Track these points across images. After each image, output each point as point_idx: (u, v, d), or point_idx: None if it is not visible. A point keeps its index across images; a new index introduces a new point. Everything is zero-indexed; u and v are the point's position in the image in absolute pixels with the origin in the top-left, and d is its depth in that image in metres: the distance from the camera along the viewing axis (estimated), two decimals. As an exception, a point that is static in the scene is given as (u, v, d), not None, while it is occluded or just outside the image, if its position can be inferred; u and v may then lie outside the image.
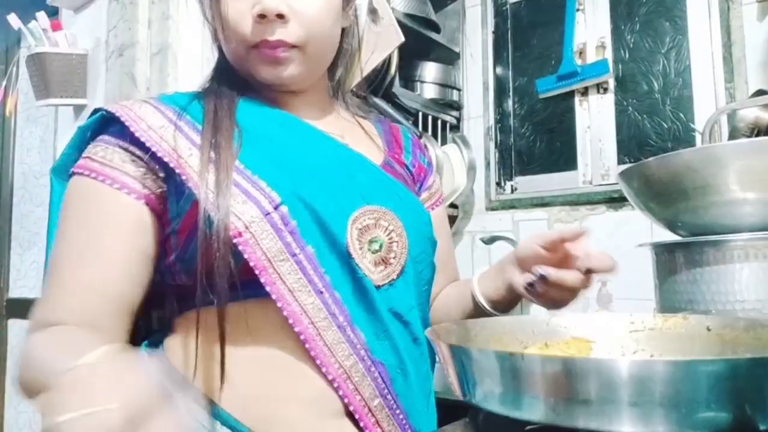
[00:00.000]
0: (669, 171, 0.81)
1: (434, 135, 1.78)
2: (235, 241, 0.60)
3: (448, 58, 1.92)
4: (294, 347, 0.62)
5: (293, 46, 0.68)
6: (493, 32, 1.91)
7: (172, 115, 0.67)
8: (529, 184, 1.80)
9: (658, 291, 0.87)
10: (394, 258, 0.68)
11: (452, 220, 1.84)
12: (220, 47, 0.73)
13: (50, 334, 0.59)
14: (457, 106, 1.92)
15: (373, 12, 1.38)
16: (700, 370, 0.38)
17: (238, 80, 0.73)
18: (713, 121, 1.26)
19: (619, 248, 1.55)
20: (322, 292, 0.62)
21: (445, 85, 1.87)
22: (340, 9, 0.72)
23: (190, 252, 0.62)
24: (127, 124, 0.63)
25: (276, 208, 0.62)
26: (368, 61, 1.37)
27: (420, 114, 1.74)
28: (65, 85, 1.53)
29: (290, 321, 0.61)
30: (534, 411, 0.42)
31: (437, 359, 0.57)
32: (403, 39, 1.43)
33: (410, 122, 1.63)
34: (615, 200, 1.59)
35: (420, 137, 1.66)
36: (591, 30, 1.71)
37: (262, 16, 0.65)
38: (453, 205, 1.82)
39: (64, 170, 0.68)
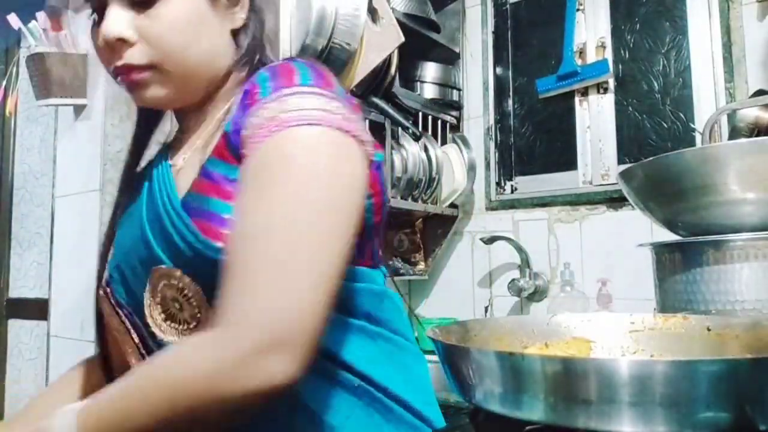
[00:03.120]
0: (669, 171, 0.82)
1: (434, 135, 1.78)
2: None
3: (448, 58, 1.92)
4: None
5: (147, 68, 0.63)
6: (493, 32, 1.91)
7: None
8: (529, 184, 1.80)
9: (658, 291, 0.87)
10: (199, 314, 0.60)
11: (452, 220, 1.85)
12: None
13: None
14: (457, 106, 1.92)
15: (373, 12, 1.38)
16: (700, 370, 0.38)
17: (155, 128, 0.77)
18: (713, 121, 1.26)
19: (619, 248, 1.56)
20: (143, 355, 0.68)
21: (445, 85, 1.87)
22: (206, 18, 0.64)
23: None
24: None
25: (107, 284, 0.69)
26: (367, 61, 1.37)
27: (420, 114, 1.73)
28: (65, 85, 1.53)
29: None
30: (534, 411, 0.42)
31: (437, 359, 0.57)
32: (403, 39, 1.43)
33: (410, 122, 1.63)
34: (615, 200, 1.59)
35: (420, 137, 1.66)
36: (591, 30, 1.71)
37: (107, 44, 0.62)
38: (453, 205, 1.82)
39: None
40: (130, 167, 0.75)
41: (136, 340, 0.67)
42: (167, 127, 0.78)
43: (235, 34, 0.69)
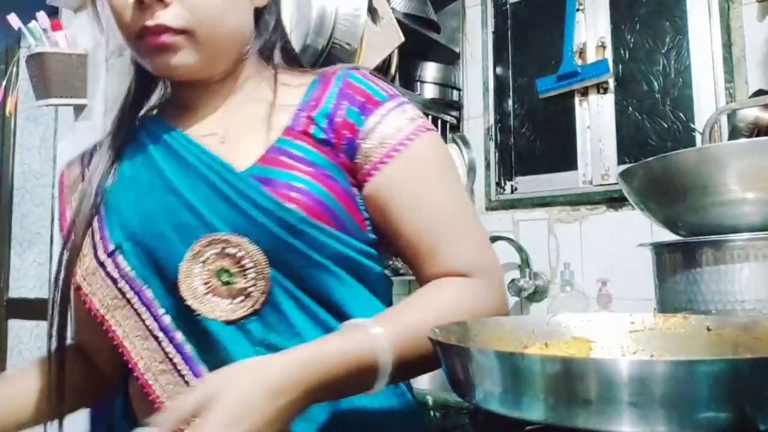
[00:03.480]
0: (669, 171, 0.81)
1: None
2: (80, 293, 0.64)
3: (448, 58, 1.92)
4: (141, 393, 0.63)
5: (180, 32, 0.62)
6: (493, 32, 1.91)
7: (86, 162, 0.72)
8: (529, 184, 1.80)
9: (658, 291, 0.87)
10: (253, 287, 0.61)
11: (452, 220, 1.84)
12: None
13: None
14: (457, 106, 1.92)
15: (373, 12, 1.38)
16: (700, 370, 0.38)
17: (160, 87, 0.74)
18: (713, 121, 1.26)
19: (619, 248, 1.56)
20: (156, 337, 0.62)
21: (445, 85, 1.87)
22: None
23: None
24: (60, 189, 0.72)
25: (110, 255, 0.63)
26: (367, 61, 1.37)
27: (420, 114, 1.73)
28: (65, 85, 1.53)
29: (129, 365, 0.63)
30: (534, 411, 0.42)
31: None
32: (403, 39, 1.43)
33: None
34: (615, 200, 1.59)
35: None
36: (591, 30, 1.71)
37: (140, 1, 0.60)
38: (453, 205, 1.82)
39: None
40: (117, 135, 0.71)
41: (147, 319, 0.62)
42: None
43: (257, 13, 0.70)
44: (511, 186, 1.83)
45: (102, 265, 0.63)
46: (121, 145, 0.70)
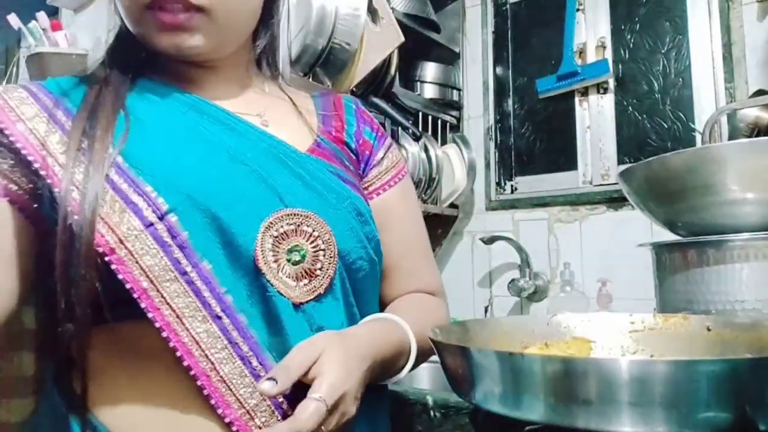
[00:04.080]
0: (669, 171, 0.81)
1: (434, 135, 1.78)
2: (107, 258, 0.50)
3: (448, 58, 1.92)
4: (183, 385, 0.53)
5: (197, 10, 0.56)
6: (493, 32, 1.91)
7: (49, 101, 0.58)
8: (529, 184, 1.80)
9: (658, 291, 0.87)
10: (320, 269, 0.58)
11: (452, 220, 1.84)
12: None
13: None
14: (457, 106, 1.92)
15: (373, 12, 1.38)
16: (700, 370, 0.38)
17: (138, 54, 0.64)
18: (713, 121, 1.26)
19: (619, 248, 1.56)
20: (219, 317, 0.53)
21: (445, 85, 1.87)
22: None
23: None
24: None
25: (161, 217, 0.52)
26: (367, 61, 1.37)
27: (420, 114, 1.73)
28: (65, 85, 1.53)
29: (178, 353, 0.52)
30: (534, 411, 0.42)
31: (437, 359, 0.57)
32: (403, 39, 1.43)
33: (410, 122, 1.63)
34: (615, 200, 1.59)
35: (420, 137, 1.66)
36: (591, 30, 1.71)
37: None
38: (453, 205, 1.82)
39: None
40: (121, 83, 0.62)
41: (208, 297, 0.53)
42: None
43: (265, 3, 0.66)
44: (511, 186, 1.83)
45: (150, 226, 0.52)
46: (124, 96, 0.61)
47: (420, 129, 1.68)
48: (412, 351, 0.62)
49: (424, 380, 1.55)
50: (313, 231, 0.59)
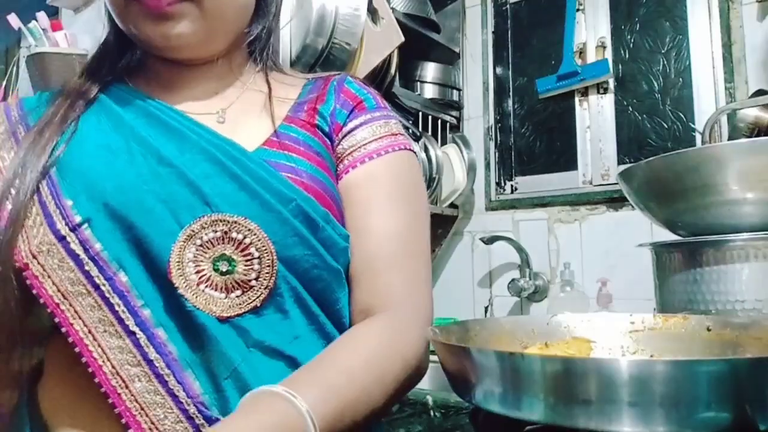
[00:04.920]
0: (669, 171, 0.81)
1: (434, 135, 1.78)
2: (24, 273, 0.51)
3: (448, 58, 1.92)
4: (99, 404, 0.51)
5: None
6: (493, 32, 1.91)
7: (16, 117, 0.60)
8: (529, 184, 1.80)
9: (658, 291, 0.87)
10: (256, 280, 0.53)
11: (452, 220, 1.85)
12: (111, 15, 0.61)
13: None
14: (457, 106, 1.92)
15: (373, 12, 1.38)
16: (700, 370, 0.38)
17: (124, 55, 0.64)
18: (713, 121, 1.26)
19: (619, 248, 1.56)
20: (133, 332, 0.50)
21: (445, 85, 1.87)
22: None
23: None
24: None
25: (74, 229, 0.51)
26: (367, 61, 1.37)
27: (420, 114, 1.73)
28: (65, 85, 1.53)
29: (90, 369, 0.50)
30: (534, 411, 0.42)
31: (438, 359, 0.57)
32: (403, 39, 1.43)
33: (410, 122, 1.63)
34: (615, 200, 1.59)
35: (420, 137, 1.66)
36: (591, 30, 1.71)
37: None
38: (453, 205, 1.82)
39: None
40: (79, 95, 0.61)
41: (121, 311, 0.51)
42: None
43: None
44: (511, 186, 1.83)
45: (63, 239, 0.51)
46: (82, 107, 0.60)
47: (420, 129, 1.68)
48: None
49: (424, 380, 1.54)
50: (244, 238, 0.53)
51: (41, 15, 1.53)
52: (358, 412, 0.49)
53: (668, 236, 0.91)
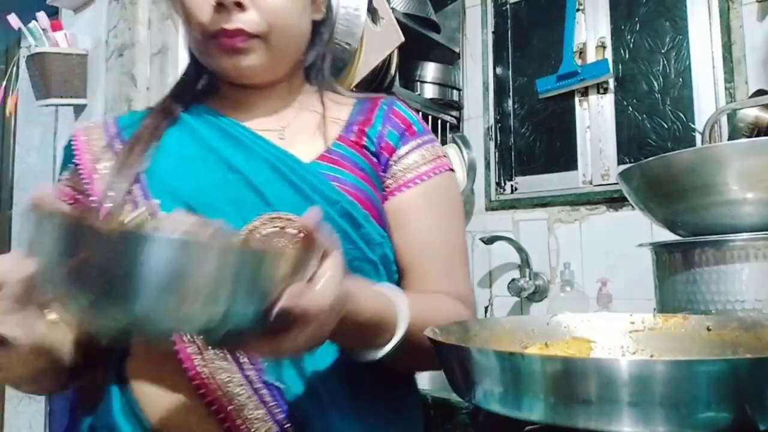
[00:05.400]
0: (669, 171, 0.81)
1: (434, 135, 1.78)
2: None
3: (448, 58, 1.92)
4: (179, 369, 0.61)
5: (254, 36, 0.67)
6: (493, 32, 1.91)
7: (113, 132, 0.74)
8: (529, 184, 1.80)
9: (658, 291, 0.87)
10: None
11: (452, 220, 1.84)
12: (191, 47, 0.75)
13: None
14: (457, 106, 1.92)
15: (373, 12, 1.38)
16: (700, 370, 0.38)
17: (202, 80, 0.77)
18: (713, 121, 1.26)
19: (619, 248, 1.56)
20: None
21: (445, 85, 1.87)
22: (306, 1, 0.72)
23: None
24: (74, 148, 0.73)
25: None
26: (367, 61, 1.37)
27: (420, 114, 1.73)
28: (65, 85, 1.53)
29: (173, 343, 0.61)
30: (534, 411, 0.42)
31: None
32: (403, 39, 1.43)
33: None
34: (615, 200, 1.59)
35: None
36: (591, 30, 1.71)
37: (220, 4, 0.65)
38: (453, 205, 1.82)
39: None
40: (165, 114, 0.74)
41: None
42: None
43: (314, 26, 0.75)
44: (511, 186, 1.83)
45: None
46: (167, 124, 0.73)
47: (420, 129, 1.68)
48: (396, 334, 0.58)
49: (424, 380, 1.55)
50: (298, 233, 0.60)
51: (41, 15, 1.53)
52: (424, 343, 0.55)
53: (668, 236, 0.91)
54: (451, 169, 0.78)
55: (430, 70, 1.85)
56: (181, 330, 0.51)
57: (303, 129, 0.74)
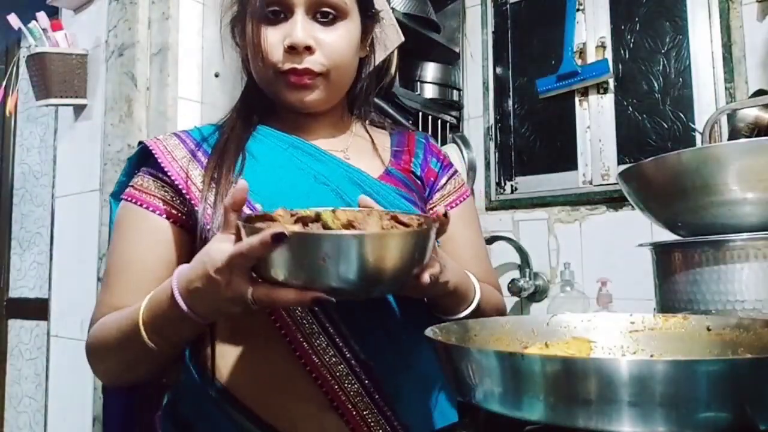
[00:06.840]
0: (669, 171, 0.81)
1: (434, 135, 1.78)
2: None
3: (448, 58, 1.92)
4: (283, 349, 0.70)
5: (318, 74, 0.76)
6: (493, 32, 1.91)
7: (192, 145, 0.79)
8: (529, 184, 1.80)
9: (658, 291, 0.87)
10: None
11: (452, 220, 1.84)
12: (250, 72, 0.83)
13: (107, 316, 0.71)
14: (457, 106, 1.92)
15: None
16: (700, 370, 0.38)
17: (262, 104, 0.84)
18: (713, 121, 1.26)
19: (619, 248, 1.56)
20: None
21: (445, 85, 1.87)
22: (359, 42, 0.82)
23: None
24: (157, 157, 0.76)
25: None
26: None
27: (420, 114, 1.73)
28: (65, 85, 1.53)
29: (280, 328, 0.69)
30: (534, 411, 0.42)
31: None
32: (403, 39, 1.43)
33: (410, 122, 1.63)
34: (615, 200, 1.59)
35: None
36: (591, 30, 1.71)
37: (292, 48, 0.74)
38: (453, 205, 1.82)
39: (119, 195, 0.80)
40: (243, 129, 0.82)
41: None
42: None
43: (359, 61, 0.85)
44: (511, 186, 1.83)
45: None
46: (246, 139, 0.81)
47: (420, 129, 1.68)
48: (474, 300, 0.75)
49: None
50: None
51: (41, 15, 1.53)
52: (485, 312, 0.77)
53: (668, 236, 0.91)
54: (472, 193, 0.97)
55: (430, 70, 1.85)
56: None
57: (360, 152, 0.86)
